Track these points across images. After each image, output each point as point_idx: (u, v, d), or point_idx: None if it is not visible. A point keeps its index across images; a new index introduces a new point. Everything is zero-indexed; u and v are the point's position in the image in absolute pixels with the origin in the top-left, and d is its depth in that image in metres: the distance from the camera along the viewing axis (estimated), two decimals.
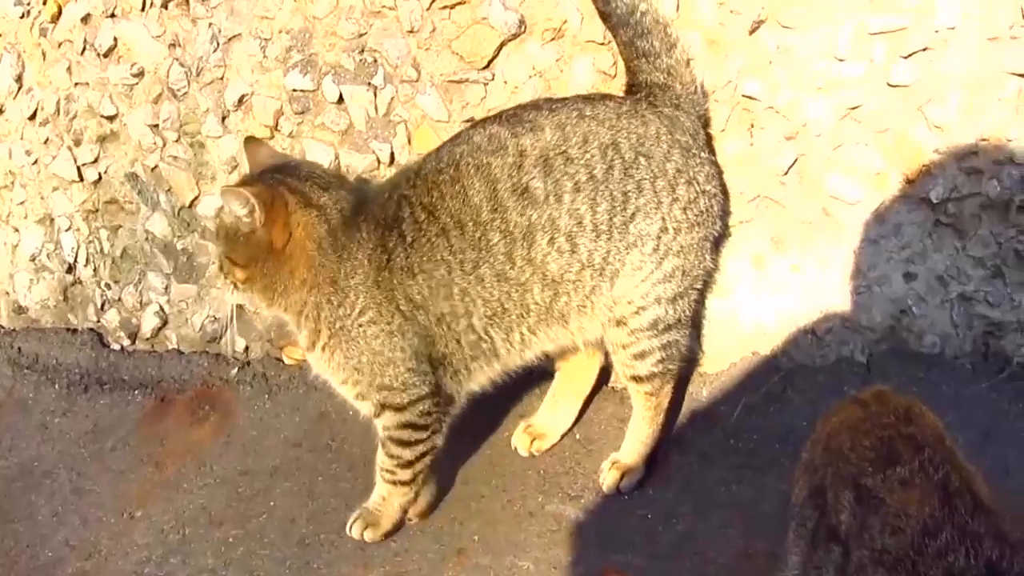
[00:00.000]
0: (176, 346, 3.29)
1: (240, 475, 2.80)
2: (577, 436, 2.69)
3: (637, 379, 2.46)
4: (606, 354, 2.52)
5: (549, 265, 2.30)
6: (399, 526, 2.51)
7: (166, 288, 3.27)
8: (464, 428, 2.51)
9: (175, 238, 3.23)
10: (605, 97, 2.41)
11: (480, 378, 2.45)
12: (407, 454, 2.41)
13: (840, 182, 2.55)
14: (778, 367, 2.66)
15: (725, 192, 2.53)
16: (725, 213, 2.54)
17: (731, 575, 2.25)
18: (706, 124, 2.53)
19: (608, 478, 2.50)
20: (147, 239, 3.28)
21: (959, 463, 1.68)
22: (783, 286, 2.65)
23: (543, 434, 2.66)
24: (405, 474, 2.43)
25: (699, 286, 2.46)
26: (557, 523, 2.47)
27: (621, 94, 2.49)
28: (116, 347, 3.37)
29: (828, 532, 1.67)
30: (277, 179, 2.33)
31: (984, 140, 2.43)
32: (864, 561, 1.58)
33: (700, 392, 2.70)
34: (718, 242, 2.53)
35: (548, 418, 2.67)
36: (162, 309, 3.29)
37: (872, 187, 2.54)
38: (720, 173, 2.50)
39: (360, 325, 2.30)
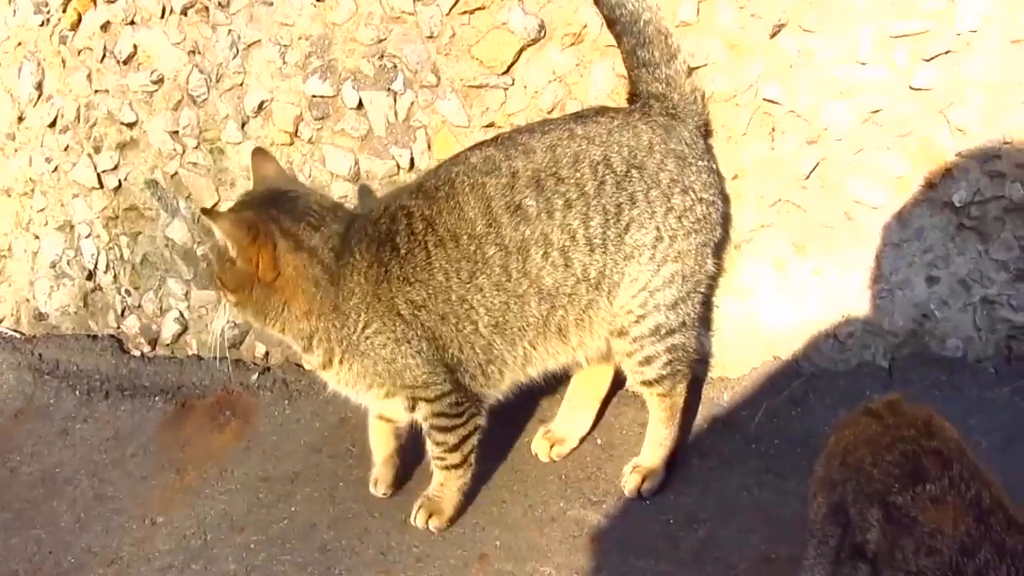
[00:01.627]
0: (196, 352, 3.31)
1: (261, 481, 2.81)
2: (598, 441, 2.69)
3: (647, 383, 2.47)
4: None
5: (544, 279, 2.33)
6: (460, 511, 2.54)
7: (186, 294, 3.28)
8: (485, 434, 2.50)
9: (195, 244, 3.24)
10: (599, 112, 2.43)
11: (500, 384, 2.46)
12: (451, 439, 2.45)
13: (862, 186, 2.54)
14: (799, 371, 2.65)
15: (725, 199, 2.54)
16: (726, 219, 2.54)
17: None
18: (707, 134, 2.54)
19: (630, 482, 2.50)
20: (167, 245, 3.29)
21: (987, 478, 1.66)
22: (804, 290, 2.64)
23: (562, 439, 2.66)
24: (455, 457, 2.47)
25: (702, 290, 2.46)
26: (579, 528, 2.46)
27: (616, 107, 2.50)
28: (136, 353, 3.38)
29: (853, 550, 1.65)
30: (271, 215, 2.35)
31: (1007, 143, 2.42)
32: None
33: (721, 397, 2.69)
34: (720, 247, 2.53)
35: (566, 423, 2.67)
36: (182, 315, 3.30)
37: (894, 191, 2.52)
38: (720, 180, 2.51)
39: (367, 338, 2.35)
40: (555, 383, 2.72)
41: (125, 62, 3.23)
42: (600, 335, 2.43)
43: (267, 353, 3.18)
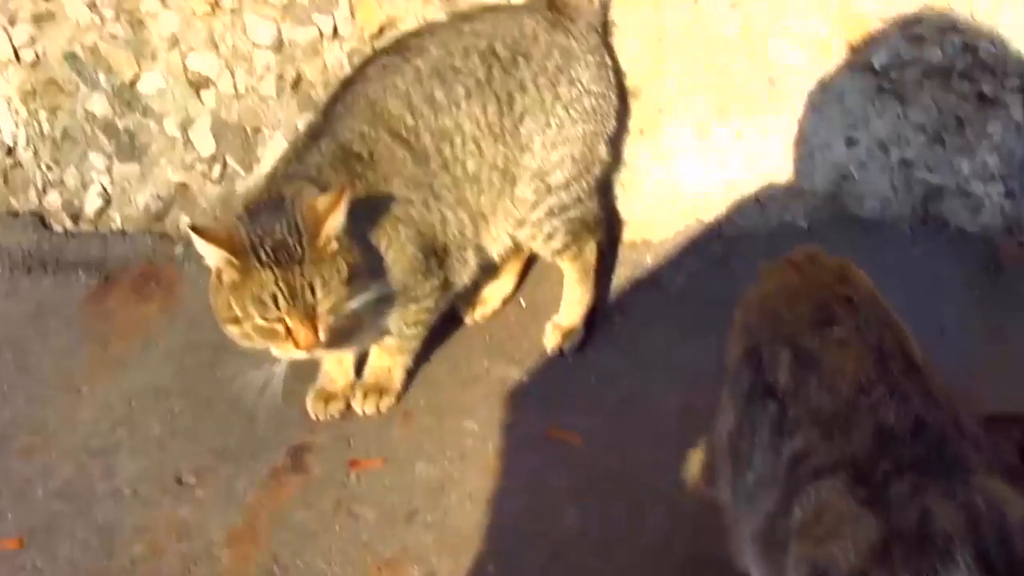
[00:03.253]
0: (120, 226, 3.26)
1: (186, 349, 2.79)
2: (522, 303, 2.71)
3: (556, 253, 2.53)
4: None
5: (468, 163, 2.39)
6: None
7: (108, 168, 3.22)
8: None
9: (116, 117, 3.18)
10: (485, 10, 2.52)
11: (469, 266, 2.50)
12: (421, 330, 2.48)
13: (783, 49, 2.56)
14: (721, 234, 2.70)
15: (620, 95, 2.59)
16: (619, 114, 2.58)
17: (672, 430, 2.30)
18: (605, 32, 2.58)
19: (550, 340, 2.55)
20: (87, 119, 3.22)
21: (894, 322, 1.74)
22: (727, 154, 2.66)
23: (484, 300, 2.68)
24: (415, 343, 2.49)
25: (596, 173, 2.53)
26: (502, 386, 2.50)
27: (504, 3, 2.57)
28: (59, 229, 3.32)
29: (764, 389, 1.71)
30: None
31: (928, 8, 2.44)
32: (800, 417, 1.63)
33: (644, 259, 2.73)
34: (614, 140, 2.58)
35: (488, 284, 2.69)
36: (105, 189, 3.25)
37: (815, 54, 2.55)
38: (614, 74, 2.55)
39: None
40: None
41: None
42: (507, 227, 2.49)
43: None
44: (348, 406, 2.52)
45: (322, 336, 2.16)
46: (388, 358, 2.50)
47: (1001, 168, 2.52)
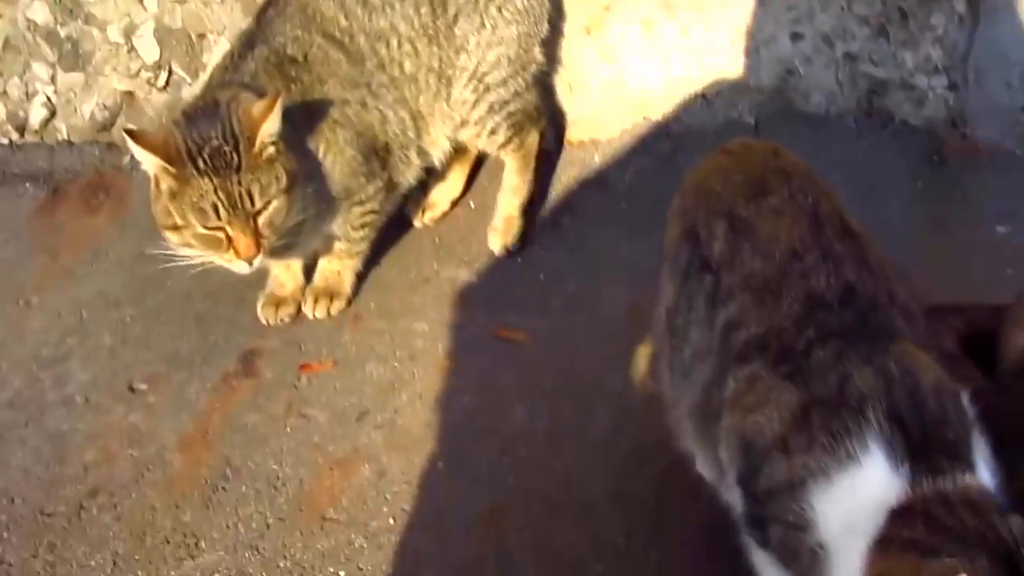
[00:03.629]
0: (67, 137, 3.23)
1: (136, 259, 2.77)
2: (471, 205, 2.71)
3: (501, 146, 2.55)
4: None
5: (405, 64, 2.38)
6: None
7: (52, 78, 3.18)
8: None
9: (58, 25, 3.12)
10: None
11: (413, 165, 2.50)
12: (371, 232, 2.49)
13: None
14: (668, 132, 2.69)
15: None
16: (552, 17, 2.57)
17: (619, 328, 2.31)
18: None
19: (492, 239, 2.57)
20: (29, 28, 3.17)
21: (829, 192, 1.73)
22: (673, 51, 2.65)
23: (433, 203, 2.68)
24: (364, 244, 2.50)
25: (532, 72, 2.55)
26: (452, 287, 2.51)
27: None
28: (4, 141, 3.29)
29: (701, 263, 1.71)
30: None
31: None
32: (733, 286, 1.63)
33: (592, 159, 2.72)
34: (547, 43, 2.58)
35: (436, 187, 2.68)
36: (49, 100, 3.21)
37: None
38: None
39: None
40: None
41: None
42: (447, 130, 2.49)
43: None
44: (299, 310, 2.52)
45: (264, 244, 2.16)
46: (337, 262, 2.50)
47: (944, 60, 2.52)
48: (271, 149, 2.12)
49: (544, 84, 2.67)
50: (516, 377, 2.28)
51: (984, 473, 1.44)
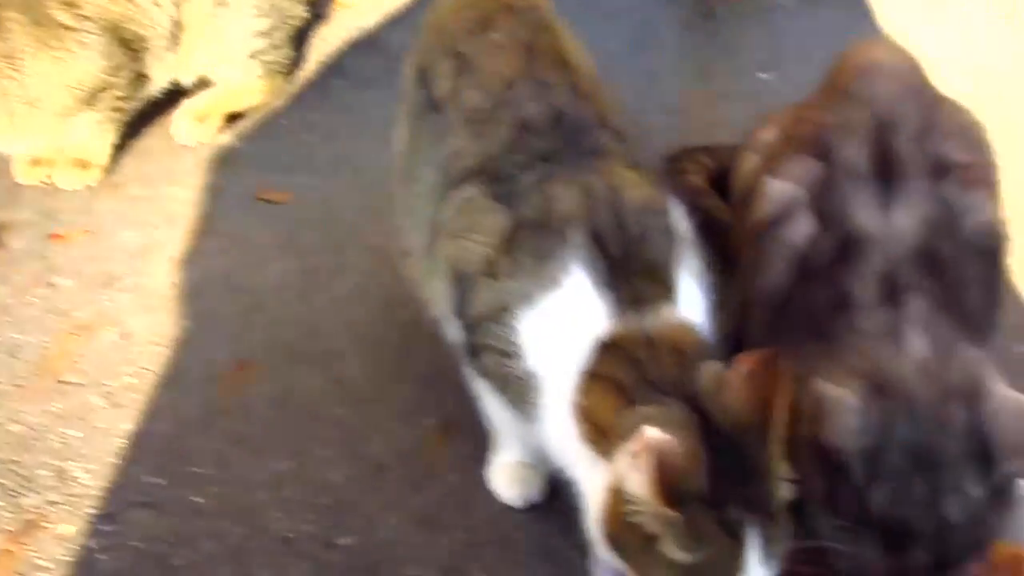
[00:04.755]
0: None
1: None
2: None
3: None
4: None
5: None
6: None
7: None
8: None
9: None
10: None
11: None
12: None
13: None
14: None
15: None
16: None
17: (380, 184, 2.25)
18: None
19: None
20: None
21: (551, 26, 1.72)
22: None
23: None
24: None
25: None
26: (215, 152, 2.43)
27: None
28: None
29: (430, 104, 1.70)
30: None
31: None
32: (454, 122, 1.63)
33: (363, 21, 2.67)
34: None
35: None
36: None
37: None
38: None
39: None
40: None
41: None
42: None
43: None
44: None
45: None
46: (89, 132, 2.39)
47: None
48: None
49: None
50: (273, 236, 2.22)
51: (694, 291, 1.44)
